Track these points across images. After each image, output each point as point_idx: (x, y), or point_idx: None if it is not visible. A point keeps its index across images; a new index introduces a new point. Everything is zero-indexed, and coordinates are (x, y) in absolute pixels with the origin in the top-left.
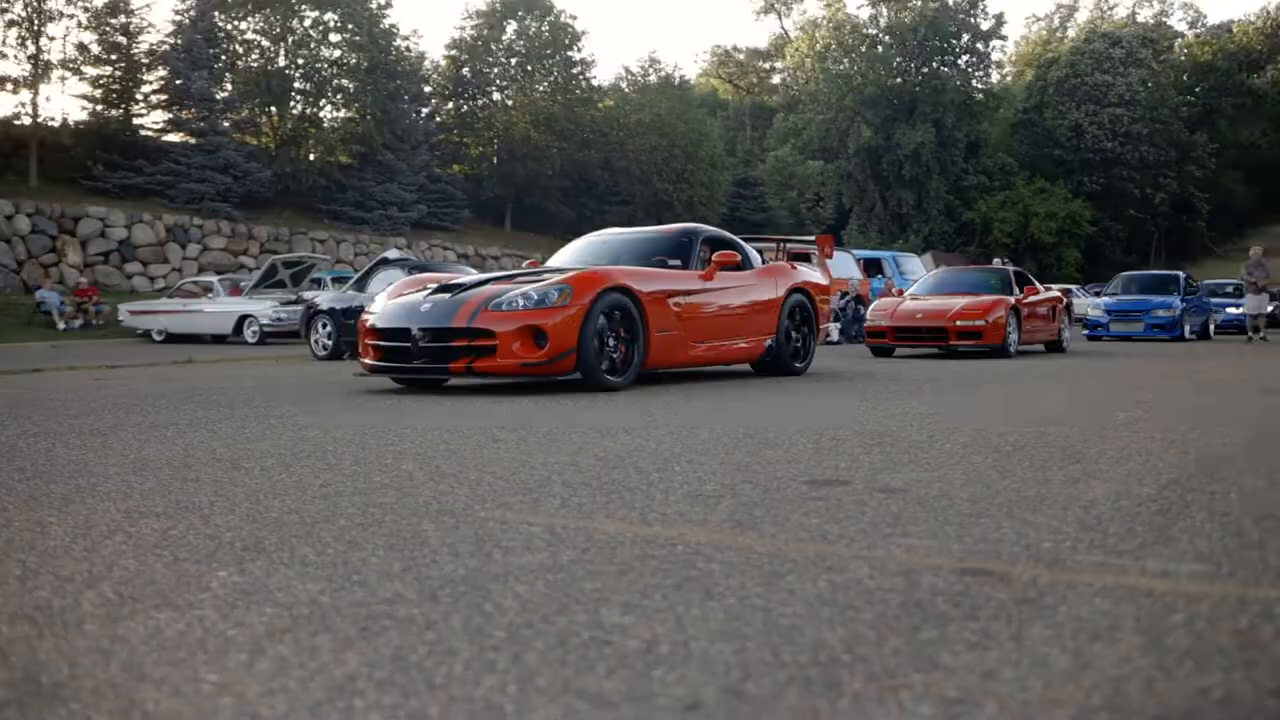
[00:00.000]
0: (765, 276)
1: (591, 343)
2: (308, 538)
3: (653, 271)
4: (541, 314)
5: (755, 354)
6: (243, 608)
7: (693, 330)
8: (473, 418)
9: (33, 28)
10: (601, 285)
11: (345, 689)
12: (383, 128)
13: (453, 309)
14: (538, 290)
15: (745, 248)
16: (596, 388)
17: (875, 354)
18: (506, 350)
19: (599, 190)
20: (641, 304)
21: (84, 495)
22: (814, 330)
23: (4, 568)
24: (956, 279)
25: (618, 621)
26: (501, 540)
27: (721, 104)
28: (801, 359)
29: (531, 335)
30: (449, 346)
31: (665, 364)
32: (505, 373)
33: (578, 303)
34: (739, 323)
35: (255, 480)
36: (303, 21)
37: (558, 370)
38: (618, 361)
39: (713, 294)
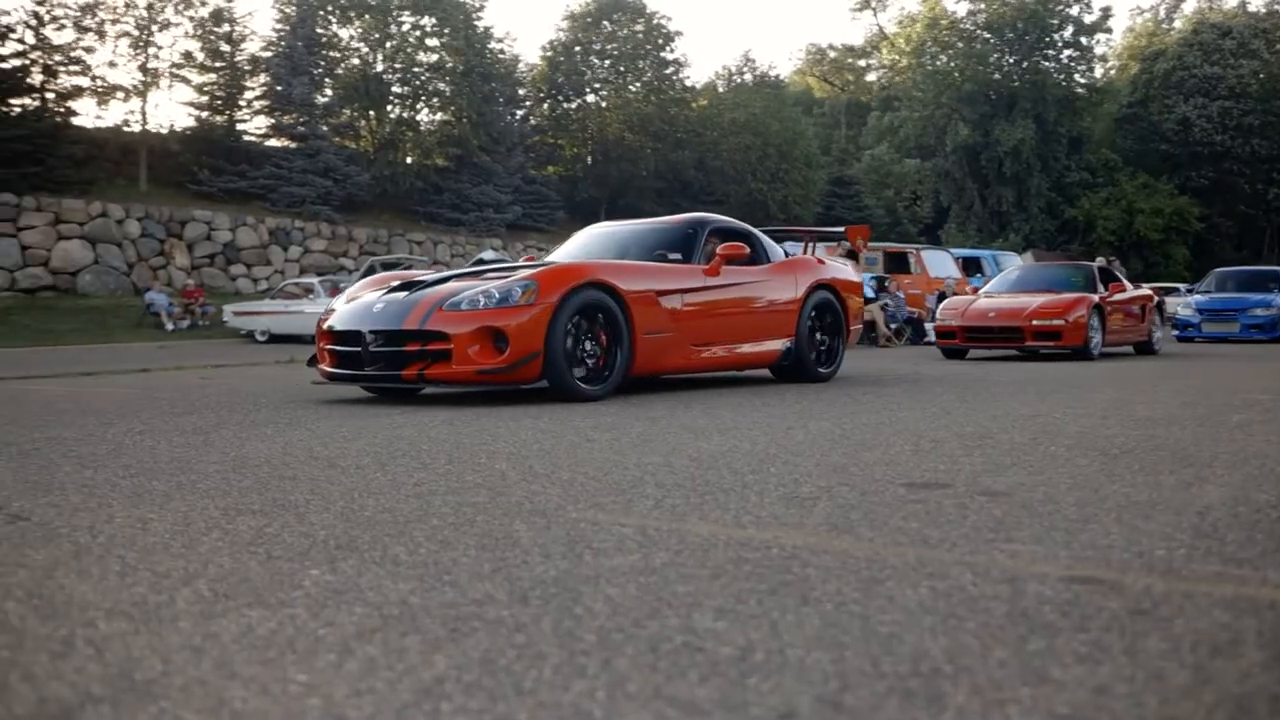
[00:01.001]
0: (783, 272)
1: (561, 346)
2: (400, 537)
3: (642, 266)
4: (502, 314)
5: (770, 358)
6: (333, 607)
7: (692, 332)
8: (567, 419)
9: (142, 38)
10: (573, 281)
11: (432, 692)
12: (478, 130)
13: (406, 309)
14: (500, 288)
15: (763, 240)
16: (567, 397)
17: (946, 356)
18: (462, 355)
19: (693, 190)
20: (625, 302)
21: (184, 492)
22: (843, 332)
23: (104, 564)
24: (1035, 275)
25: (711, 627)
26: (593, 541)
27: (816, 102)
28: (827, 363)
29: (491, 338)
30: (402, 351)
31: (657, 370)
32: (461, 380)
33: (544, 301)
34: (750, 323)
35: (350, 479)
36: (400, 26)
37: (520, 377)
38: (594, 367)
39: (718, 291)
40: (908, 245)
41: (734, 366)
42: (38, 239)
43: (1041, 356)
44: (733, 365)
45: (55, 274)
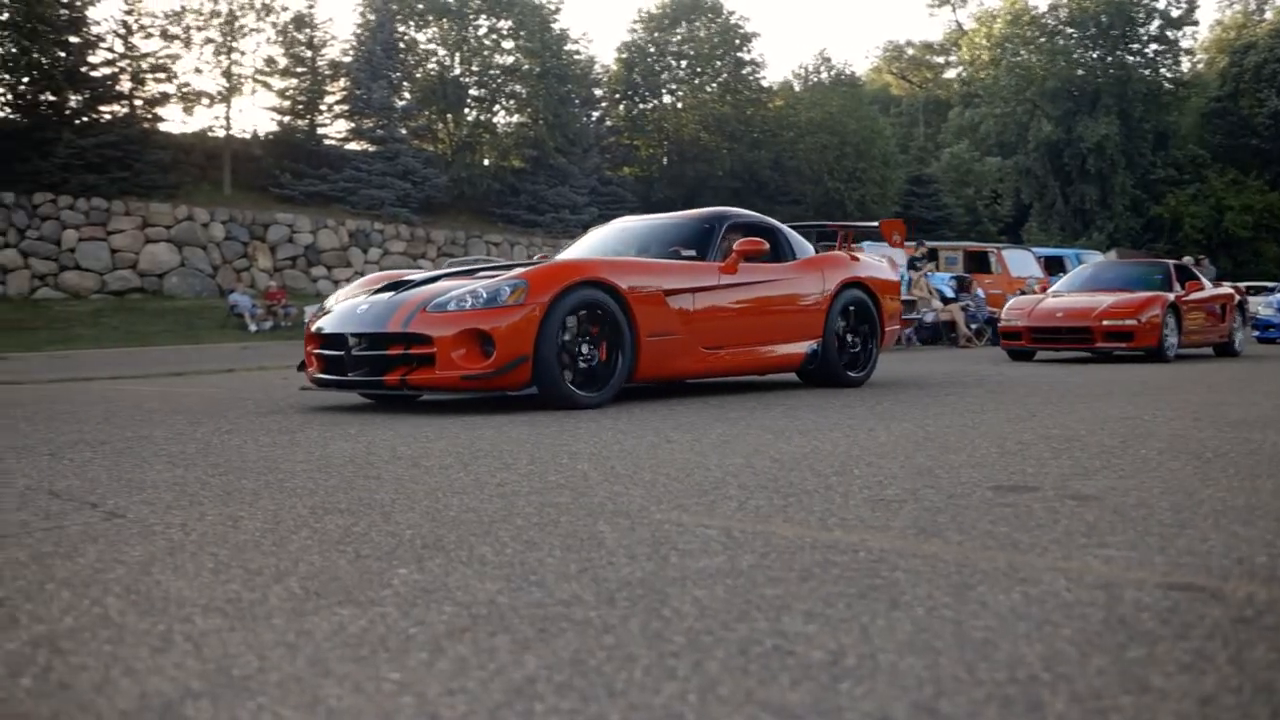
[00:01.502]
0: (809, 269)
1: (553, 349)
2: (485, 536)
3: (647, 263)
4: (489, 315)
5: (794, 362)
6: (423, 606)
7: (704, 334)
8: (645, 420)
9: (226, 44)
10: (567, 280)
11: (524, 692)
12: (554, 132)
13: (389, 311)
14: (488, 287)
15: (788, 236)
16: (560, 405)
17: (1012, 357)
18: (446, 359)
19: (769, 190)
20: (627, 302)
21: (272, 491)
22: (877, 333)
23: (198, 560)
24: (1107, 273)
25: (801, 630)
26: (678, 543)
27: (894, 100)
28: (859, 367)
29: (477, 341)
30: (385, 355)
31: (665, 375)
32: (445, 386)
33: (535, 301)
34: (772, 324)
35: (434, 478)
36: (477, 30)
37: (508, 383)
38: (592, 372)
39: (734, 290)
40: (988, 244)
41: (753, 371)
42: (126, 242)
43: (1115, 358)
44: (752, 369)
45: (143, 276)
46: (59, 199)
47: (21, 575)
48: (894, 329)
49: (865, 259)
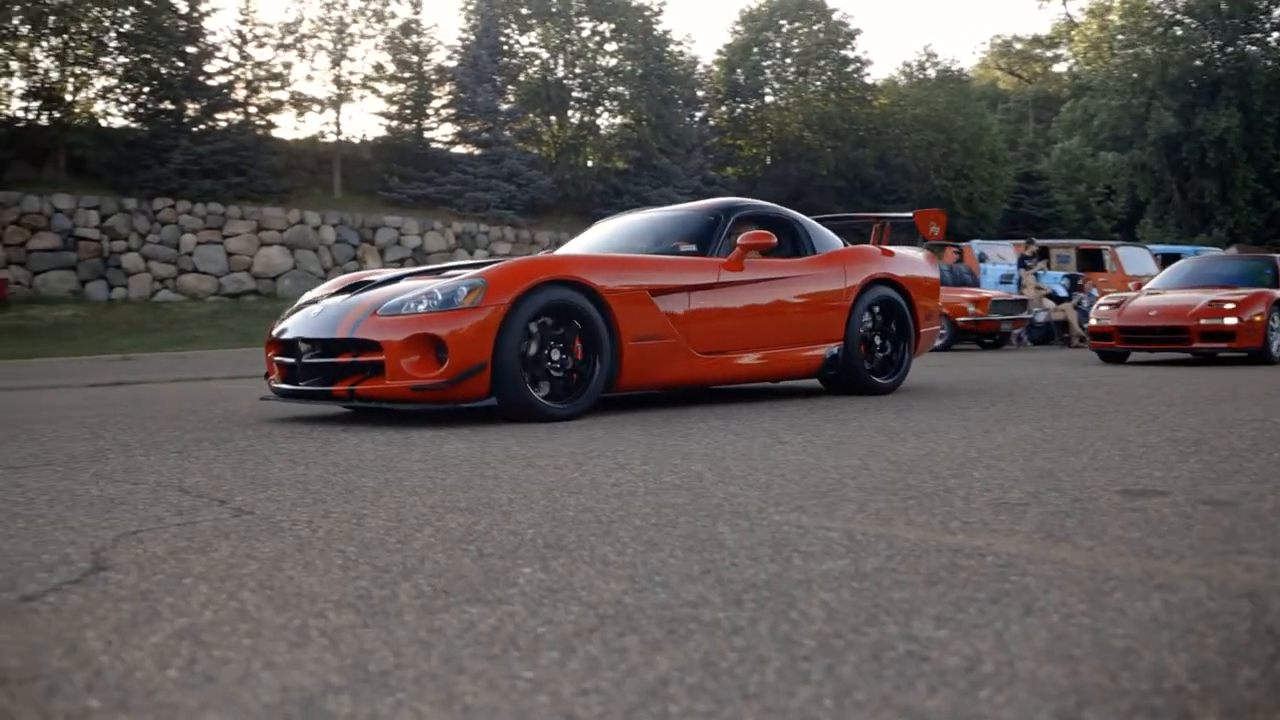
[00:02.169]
0: (828, 265)
1: (515, 356)
2: (606, 537)
3: (632, 259)
4: (442, 319)
5: (810, 367)
6: (550, 605)
7: (700, 337)
8: (756, 421)
9: (337, 51)
10: (533, 279)
11: (657, 693)
12: (657, 133)
13: (340, 315)
14: (444, 288)
15: (808, 229)
16: (525, 418)
17: (1103, 359)
18: (395, 368)
19: (874, 189)
20: (605, 303)
21: (392, 489)
22: (910, 335)
23: (327, 557)
24: (1208, 270)
25: (933, 635)
26: (800, 545)
27: (1002, 96)
28: (889, 372)
29: (430, 348)
30: (335, 363)
31: (654, 382)
32: (395, 398)
33: (494, 302)
34: (783, 325)
35: (549, 478)
36: (580, 32)
37: (463, 394)
38: (564, 381)
39: (738, 289)
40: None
41: (760, 377)
42: (241, 246)
43: (1218, 360)
44: (761, 376)
45: (258, 279)
46: (177, 204)
47: (160, 569)
48: (931, 330)
49: (901, 253)
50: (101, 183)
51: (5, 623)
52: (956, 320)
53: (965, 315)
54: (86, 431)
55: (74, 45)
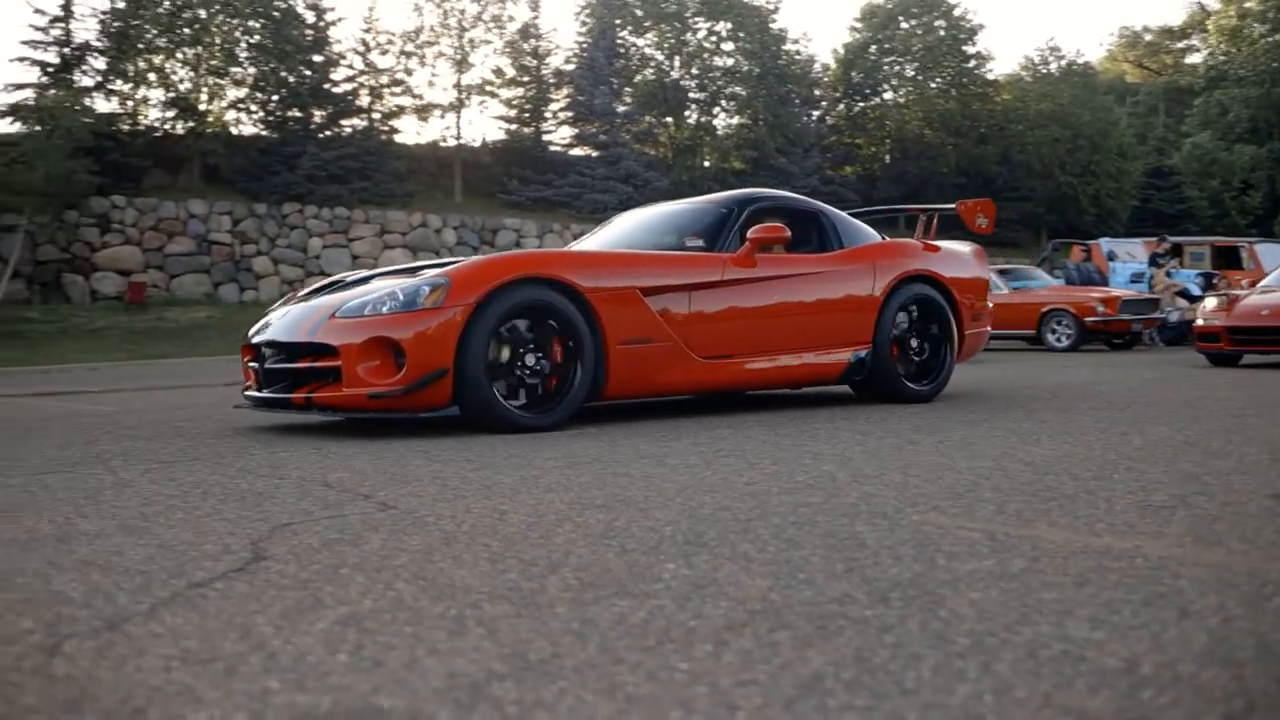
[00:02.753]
0: (855, 261)
1: (482, 361)
2: (745, 534)
3: (621, 256)
4: (401, 321)
5: (832, 372)
6: (698, 600)
7: (703, 340)
8: (884, 421)
9: (457, 57)
10: (502, 278)
11: (814, 687)
12: (775, 132)
13: (304, 318)
14: (407, 288)
15: (835, 221)
16: (495, 428)
17: (1212, 362)
18: (352, 374)
19: (997, 186)
20: (588, 303)
21: (529, 486)
22: (952, 337)
23: (474, 550)
24: None
25: (1088, 636)
26: (942, 545)
27: (1130, 89)
28: (926, 378)
29: (390, 352)
30: (294, 368)
31: (647, 390)
32: (352, 407)
33: (457, 303)
34: (800, 326)
35: (682, 476)
36: (696, 33)
37: (422, 403)
38: (541, 389)
39: (747, 287)
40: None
41: (773, 384)
42: (366, 248)
43: None
44: (771, 382)
45: None
46: (305, 209)
47: (317, 560)
48: (978, 332)
49: (947, 248)
50: (233, 189)
51: (180, 607)
52: (1085, 320)
53: (1094, 315)
54: (227, 428)
55: (207, 57)
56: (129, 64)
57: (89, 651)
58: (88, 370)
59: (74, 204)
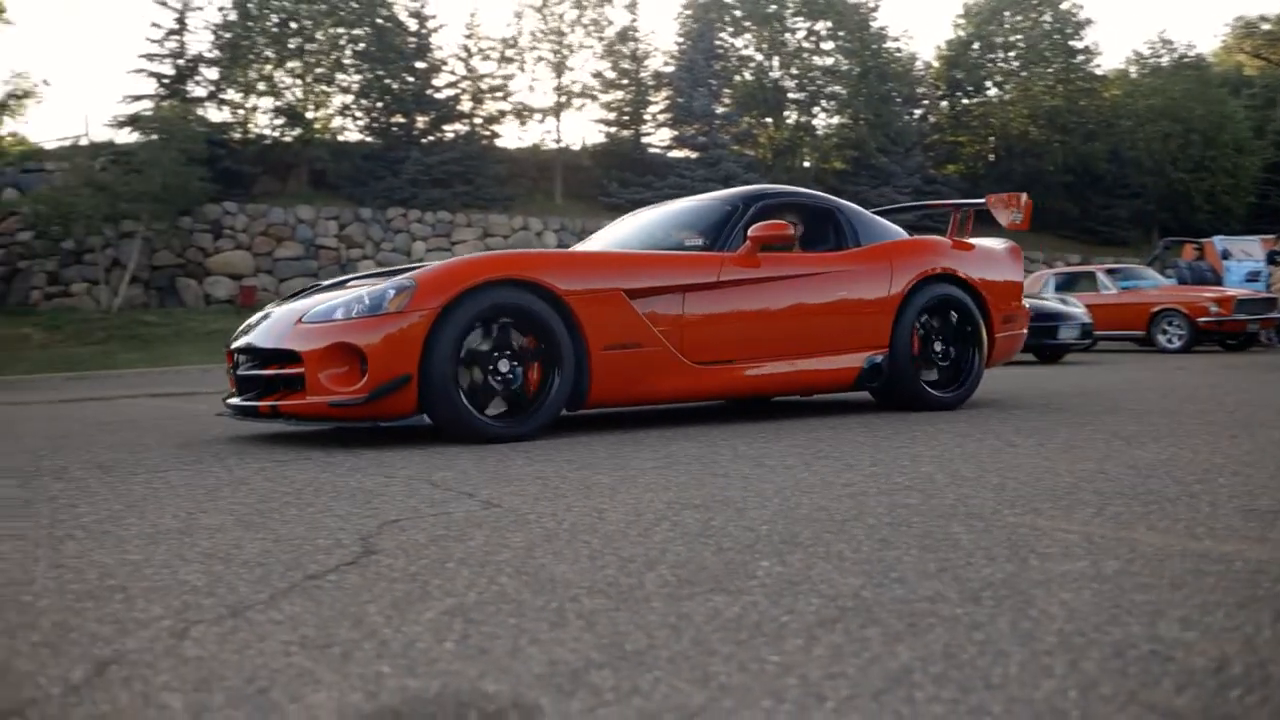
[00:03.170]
0: (871, 260)
1: (449, 368)
2: (840, 534)
3: (608, 257)
4: (364, 326)
5: (842, 380)
6: (790, 596)
7: (696, 344)
8: (985, 424)
9: (558, 62)
10: (471, 280)
11: (902, 680)
12: (876, 131)
13: (277, 322)
14: (374, 292)
15: (852, 218)
16: (465, 437)
17: None
18: (315, 381)
19: (1105, 183)
20: (567, 306)
21: (628, 486)
22: (981, 341)
23: (574, 547)
24: None
25: (1178, 637)
26: (1036, 546)
27: (1246, 82)
28: (952, 384)
29: (354, 358)
30: (263, 376)
31: (635, 397)
32: (315, 415)
33: (422, 307)
34: (806, 330)
35: (780, 477)
36: (795, 34)
37: (385, 411)
38: (516, 396)
39: (747, 288)
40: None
41: (775, 391)
42: (468, 252)
43: None
44: (773, 389)
45: None
46: (409, 213)
47: (424, 554)
48: (1011, 335)
49: (981, 246)
50: (339, 194)
51: (297, 598)
52: (1197, 321)
53: (1207, 315)
54: (335, 429)
55: (314, 65)
56: (240, 74)
57: (215, 636)
58: (201, 372)
59: (188, 211)
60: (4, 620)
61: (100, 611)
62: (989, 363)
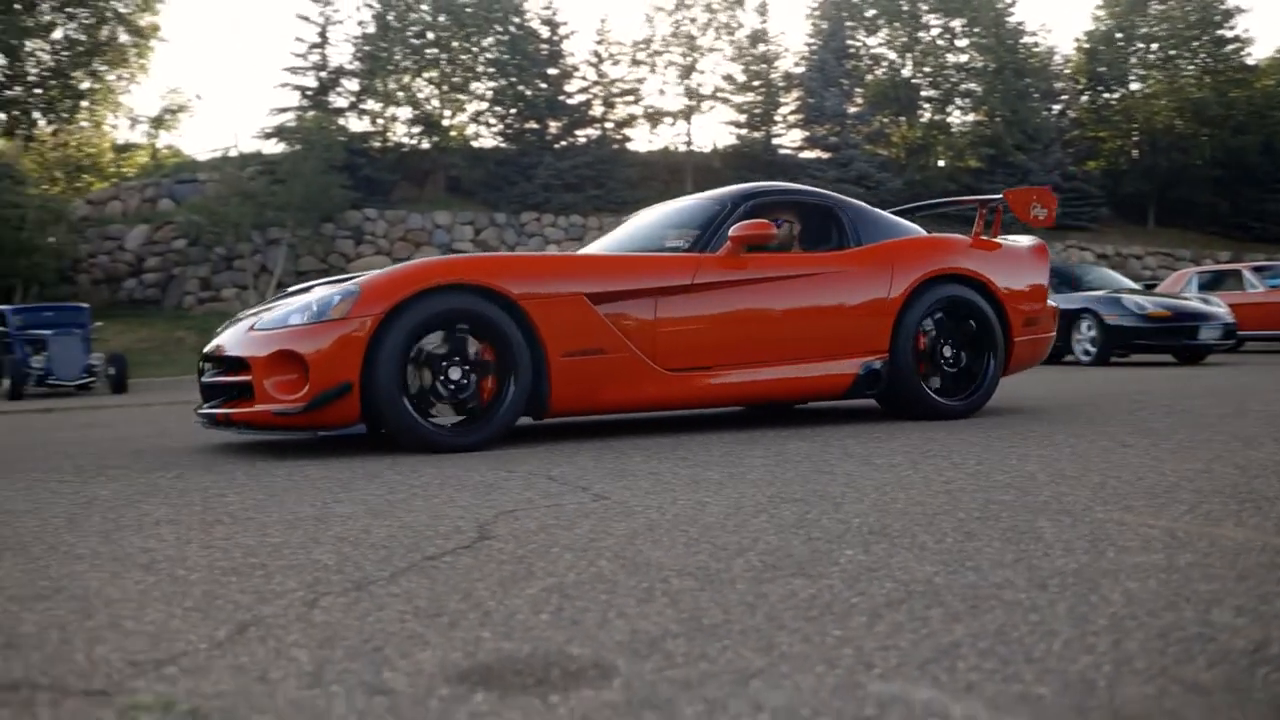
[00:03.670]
0: (869, 260)
1: (394, 376)
2: (928, 527)
3: (570, 260)
4: (307, 333)
5: (834, 386)
6: (866, 580)
7: (670, 350)
8: (1102, 426)
9: (688, 66)
10: (419, 284)
11: (949, 653)
12: (1012, 128)
13: (240, 329)
14: (323, 298)
15: (855, 216)
16: (414, 446)
17: None
18: (261, 390)
19: (1258, 176)
20: (523, 311)
21: (735, 481)
22: (997, 345)
23: (672, 535)
24: None
25: (1229, 622)
26: (1116, 539)
27: None
28: (961, 392)
29: (299, 366)
30: (219, 383)
31: (600, 405)
32: (261, 425)
33: (365, 313)
34: (793, 334)
35: (883, 475)
36: (929, 30)
37: (326, 420)
38: (473, 404)
39: (726, 291)
40: None
41: (758, 399)
42: None
43: None
44: (755, 397)
45: None
46: (542, 217)
47: (533, 540)
48: (1034, 340)
49: (1005, 245)
50: (474, 200)
51: (414, 575)
52: None
53: None
54: None
55: (450, 74)
56: (379, 84)
57: (340, 606)
58: None
59: (330, 217)
60: (161, 590)
61: (242, 584)
62: (1009, 368)
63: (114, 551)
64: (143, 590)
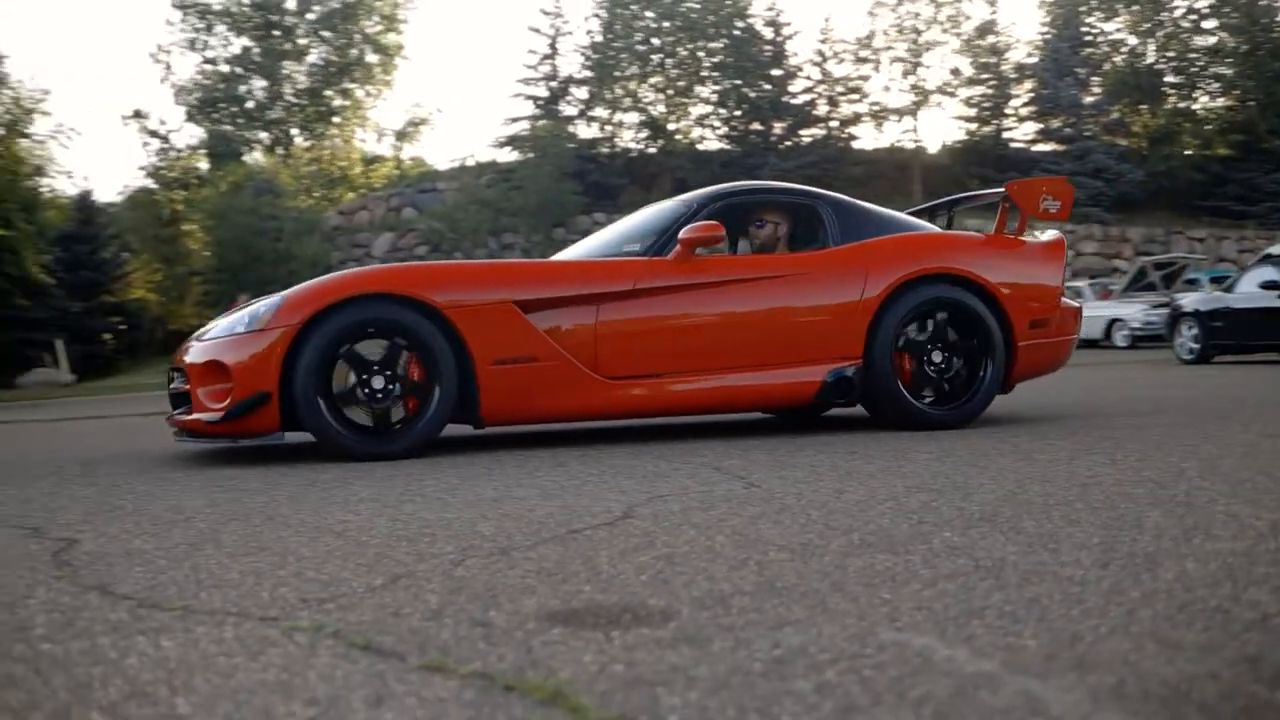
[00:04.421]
0: (840, 260)
1: (310, 385)
2: (1039, 515)
3: (502, 266)
4: (234, 343)
5: (797, 395)
6: (943, 558)
7: (612, 357)
8: (1231, 433)
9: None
10: (335, 295)
11: (974, 615)
12: (1267, 113)
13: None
14: (255, 309)
15: (837, 213)
16: (340, 456)
17: None
18: (196, 399)
19: None
20: (447, 319)
21: (885, 473)
22: (995, 350)
23: (794, 517)
24: None
25: (1254, 598)
26: (1214, 530)
27: None
28: (954, 398)
29: (224, 376)
30: (175, 392)
31: (534, 414)
32: (198, 433)
33: (283, 323)
34: (753, 340)
35: (1035, 468)
36: (1172, 13)
37: (247, 428)
38: (392, 414)
39: (678, 296)
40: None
41: (708, 408)
42: None
43: None
44: (705, 406)
45: None
46: None
47: (668, 519)
48: (1040, 344)
49: (1030, 243)
50: None
51: (553, 545)
52: None
53: None
54: (650, 424)
55: (675, 79)
56: (607, 91)
57: (477, 566)
58: None
59: (561, 222)
60: (344, 551)
61: (409, 548)
62: (1013, 375)
63: (319, 522)
64: (329, 551)
